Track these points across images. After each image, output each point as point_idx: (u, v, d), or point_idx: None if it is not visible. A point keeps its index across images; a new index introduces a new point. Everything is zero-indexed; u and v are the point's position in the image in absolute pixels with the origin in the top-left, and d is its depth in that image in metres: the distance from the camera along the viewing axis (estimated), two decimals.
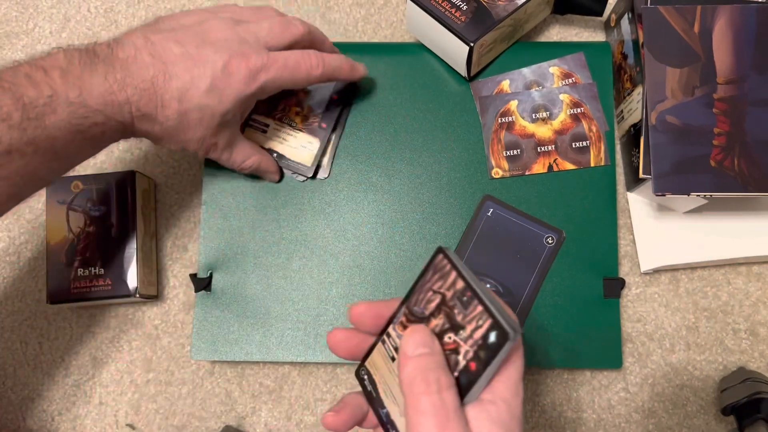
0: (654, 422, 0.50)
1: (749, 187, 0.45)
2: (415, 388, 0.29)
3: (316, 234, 0.51)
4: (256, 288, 0.51)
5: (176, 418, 0.51)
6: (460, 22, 0.49)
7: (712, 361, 0.51)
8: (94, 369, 0.52)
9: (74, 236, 0.50)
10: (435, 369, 0.30)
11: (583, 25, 0.57)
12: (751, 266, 0.52)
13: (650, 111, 0.47)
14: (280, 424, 0.51)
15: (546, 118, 0.52)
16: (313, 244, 0.51)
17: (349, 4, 0.59)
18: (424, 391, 0.29)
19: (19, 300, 0.54)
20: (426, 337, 0.31)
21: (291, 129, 0.52)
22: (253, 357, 0.49)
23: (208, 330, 0.50)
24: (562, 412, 0.50)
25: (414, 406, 0.29)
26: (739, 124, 0.46)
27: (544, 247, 0.48)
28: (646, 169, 0.47)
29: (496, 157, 0.52)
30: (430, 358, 0.31)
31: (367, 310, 0.35)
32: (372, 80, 0.54)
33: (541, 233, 0.48)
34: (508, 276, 0.49)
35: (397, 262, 0.51)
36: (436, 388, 0.29)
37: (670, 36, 0.47)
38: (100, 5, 0.60)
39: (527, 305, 0.49)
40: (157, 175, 0.56)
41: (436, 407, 0.29)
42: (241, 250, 0.51)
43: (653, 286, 0.52)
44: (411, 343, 0.31)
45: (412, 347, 0.31)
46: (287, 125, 0.52)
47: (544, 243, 0.47)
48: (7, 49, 0.59)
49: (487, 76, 0.53)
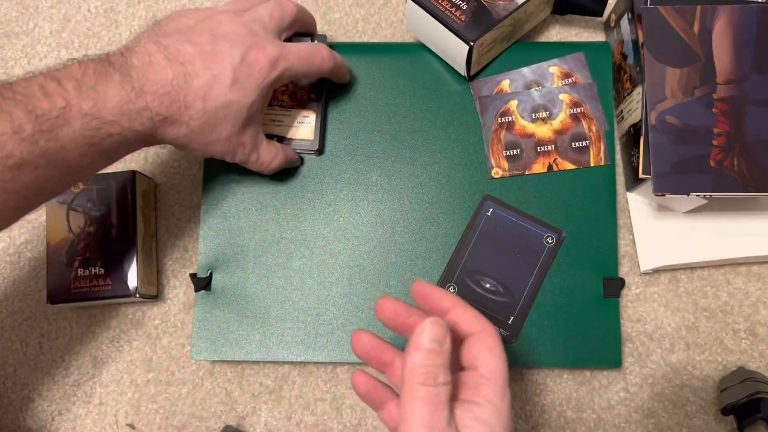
0: (654, 422, 0.50)
1: (749, 187, 0.45)
2: (416, 376, 0.32)
3: (316, 234, 0.51)
4: (256, 288, 0.51)
5: (176, 418, 0.51)
6: (460, 21, 0.49)
7: (712, 360, 0.51)
8: (94, 369, 0.52)
9: (74, 236, 0.50)
10: (439, 365, 0.33)
11: (583, 25, 0.57)
12: (751, 266, 0.52)
13: (650, 111, 0.47)
14: (280, 424, 0.51)
15: (546, 117, 0.52)
16: (313, 243, 0.51)
17: (349, 4, 0.59)
18: (423, 382, 0.32)
19: (19, 300, 0.54)
20: (441, 333, 0.33)
21: (283, 109, 0.52)
22: (253, 357, 0.50)
23: (208, 330, 0.50)
24: (562, 412, 0.50)
25: (410, 392, 0.32)
26: (739, 124, 0.46)
27: (544, 246, 0.48)
28: (646, 169, 0.47)
29: (495, 156, 0.52)
30: (437, 354, 0.33)
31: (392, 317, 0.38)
32: (372, 80, 0.54)
33: (541, 233, 0.48)
34: (508, 275, 0.49)
35: (397, 262, 0.51)
36: (434, 382, 0.32)
37: (669, 36, 0.47)
38: (100, 5, 0.60)
39: (527, 305, 0.49)
40: (157, 175, 0.56)
41: (430, 396, 0.32)
42: (241, 250, 0.51)
43: (653, 286, 0.52)
44: (426, 334, 0.33)
45: (426, 339, 0.33)
46: (278, 107, 0.52)
47: (544, 242, 0.47)
48: (7, 49, 0.59)
49: (487, 75, 0.53)
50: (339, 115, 0.53)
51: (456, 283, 0.49)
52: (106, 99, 0.38)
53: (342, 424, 0.51)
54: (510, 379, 0.50)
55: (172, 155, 0.56)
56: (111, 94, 0.38)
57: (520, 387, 0.51)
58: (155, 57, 0.40)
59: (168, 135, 0.42)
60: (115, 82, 0.39)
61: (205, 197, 0.52)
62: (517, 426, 0.50)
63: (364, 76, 0.54)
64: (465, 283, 0.49)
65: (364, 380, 0.38)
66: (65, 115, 0.37)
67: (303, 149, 0.52)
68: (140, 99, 0.39)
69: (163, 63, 0.40)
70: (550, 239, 0.45)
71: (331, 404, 0.51)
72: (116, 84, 0.39)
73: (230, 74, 0.42)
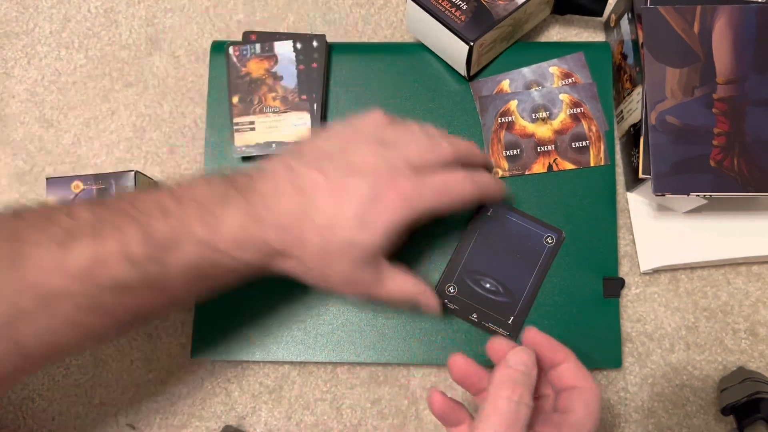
0: (654, 422, 0.50)
1: (749, 187, 0.45)
2: (502, 390, 0.33)
3: None
4: (257, 287, 0.50)
5: (176, 418, 0.51)
6: (460, 21, 0.49)
7: (712, 360, 0.51)
8: (94, 369, 0.52)
9: None
10: (524, 385, 0.34)
11: (583, 25, 0.57)
12: (751, 266, 0.52)
13: (650, 111, 0.47)
14: (280, 424, 0.51)
15: (546, 118, 0.52)
16: None
17: (349, 4, 0.59)
18: (508, 396, 0.33)
19: None
20: (530, 360, 0.36)
21: (276, 115, 0.52)
22: (253, 357, 0.50)
23: (208, 330, 0.50)
24: None
25: (493, 403, 0.33)
26: (739, 124, 0.46)
27: (544, 246, 0.48)
28: (646, 169, 0.47)
29: (495, 156, 0.52)
30: (524, 376, 0.34)
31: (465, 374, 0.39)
32: (372, 80, 0.54)
33: (541, 233, 0.48)
34: (508, 275, 0.49)
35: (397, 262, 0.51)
36: (518, 399, 0.33)
37: (669, 36, 0.47)
38: (100, 5, 0.60)
39: (527, 305, 0.49)
40: (157, 175, 0.56)
41: (510, 410, 0.32)
42: None
43: (653, 286, 0.52)
44: (516, 357, 0.36)
45: (515, 361, 0.35)
46: (271, 113, 0.52)
47: (544, 243, 0.47)
48: (7, 49, 0.59)
49: (487, 75, 0.53)
50: (339, 115, 0.53)
51: (456, 283, 0.49)
52: (222, 228, 0.35)
53: (342, 424, 0.51)
54: None
55: (173, 155, 0.56)
56: (229, 221, 0.35)
57: None
58: (282, 183, 0.38)
59: (280, 267, 0.39)
60: (234, 207, 0.36)
61: None
62: None
63: (364, 76, 0.54)
64: (465, 283, 0.49)
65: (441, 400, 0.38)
66: (178, 241, 0.34)
67: None
68: (258, 231, 0.36)
69: (289, 191, 0.37)
70: (550, 239, 0.45)
71: (331, 404, 0.51)
72: (234, 209, 0.36)
73: (356, 211, 0.37)
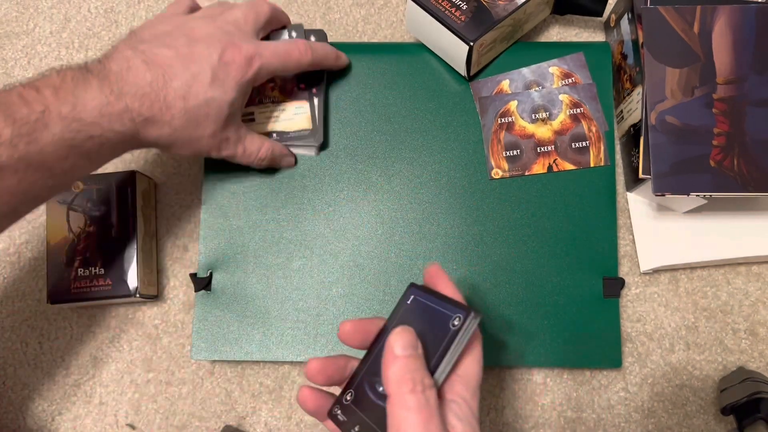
0: (654, 422, 0.50)
1: (749, 187, 0.45)
2: (403, 386, 0.32)
3: (316, 234, 0.51)
4: (256, 288, 0.51)
5: (176, 418, 0.51)
6: (459, 21, 0.49)
7: (712, 360, 0.51)
8: (94, 369, 0.52)
9: (74, 236, 0.50)
10: (420, 370, 0.33)
11: (583, 25, 0.57)
12: (751, 266, 0.52)
13: (650, 111, 0.47)
14: (280, 424, 0.51)
15: (546, 118, 0.52)
16: (313, 243, 0.51)
17: (349, 4, 0.59)
18: (411, 390, 0.32)
19: (19, 300, 0.54)
20: (413, 339, 0.34)
21: (275, 105, 0.52)
22: (253, 357, 0.50)
23: (208, 330, 0.50)
24: (562, 412, 0.50)
25: (400, 403, 0.32)
26: (739, 124, 0.46)
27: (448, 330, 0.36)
28: (646, 170, 0.47)
29: (495, 157, 0.52)
30: (415, 360, 0.33)
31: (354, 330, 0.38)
32: (372, 80, 0.54)
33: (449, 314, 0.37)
34: None
35: (397, 262, 0.51)
36: (421, 388, 0.32)
37: (669, 36, 0.47)
38: (100, 5, 0.60)
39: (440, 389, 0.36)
40: (157, 175, 0.56)
41: (420, 404, 0.32)
42: (241, 250, 0.51)
43: (653, 286, 0.52)
44: (400, 343, 0.34)
45: (401, 347, 0.34)
46: (270, 103, 0.52)
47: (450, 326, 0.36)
48: (7, 49, 0.59)
49: (487, 76, 0.53)
50: (339, 115, 0.53)
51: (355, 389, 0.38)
52: (85, 102, 0.39)
53: None
54: (510, 379, 0.51)
55: (173, 155, 0.56)
56: (90, 97, 0.39)
57: (520, 387, 0.51)
58: (133, 61, 0.41)
59: (151, 135, 0.43)
60: (94, 87, 0.39)
61: (205, 197, 0.52)
62: (517, 426, 0.50)
63: (364, 76, 0.54)
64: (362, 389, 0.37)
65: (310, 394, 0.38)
66: (44, 119, 0.37)
67: (305, 141, 0.51)
68: (120, 101, 0.40)
69: (141, 66, 0.41)
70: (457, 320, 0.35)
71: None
72: (95, 88, 0.39)
73: (209, 73, 0.43)
